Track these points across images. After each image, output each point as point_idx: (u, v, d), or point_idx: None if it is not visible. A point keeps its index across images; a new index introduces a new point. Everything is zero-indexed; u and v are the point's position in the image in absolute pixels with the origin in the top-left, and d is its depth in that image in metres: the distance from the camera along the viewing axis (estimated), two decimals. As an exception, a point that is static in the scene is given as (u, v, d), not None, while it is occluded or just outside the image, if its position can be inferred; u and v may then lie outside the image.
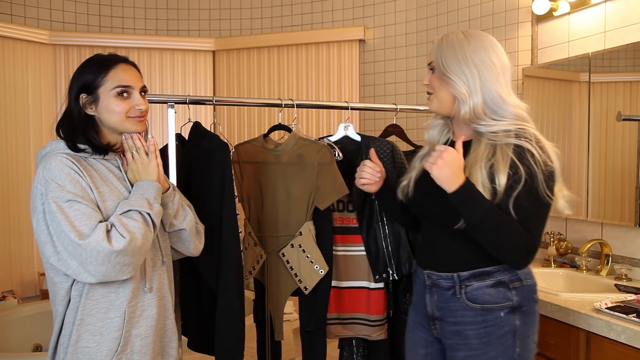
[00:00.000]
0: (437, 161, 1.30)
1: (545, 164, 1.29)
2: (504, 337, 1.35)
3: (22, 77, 3.55)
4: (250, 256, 1.92)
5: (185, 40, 4.09)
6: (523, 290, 1.38)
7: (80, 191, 1.29)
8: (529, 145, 1.30)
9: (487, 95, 1.36)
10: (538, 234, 1.32)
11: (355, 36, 3.75)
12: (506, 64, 1.40)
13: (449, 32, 1.43)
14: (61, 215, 1.24)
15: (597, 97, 2.30)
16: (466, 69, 1.36)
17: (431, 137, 1.55)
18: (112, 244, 1.24)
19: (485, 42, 1.39)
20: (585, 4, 2.37)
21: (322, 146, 1.87)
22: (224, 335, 1.73)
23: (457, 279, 1.39)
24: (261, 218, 1.94)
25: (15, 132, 3.50)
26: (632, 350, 1.58)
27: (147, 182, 1.41)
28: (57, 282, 1.33)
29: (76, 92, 1.39)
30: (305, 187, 1.87)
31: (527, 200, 1.28)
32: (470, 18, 3.11)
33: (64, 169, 1.30)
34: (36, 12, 3.78)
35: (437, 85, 1.43)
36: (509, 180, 1.28)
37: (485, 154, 1.33)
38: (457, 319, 1.39)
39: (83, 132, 1.38)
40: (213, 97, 1.83)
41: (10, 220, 3.45)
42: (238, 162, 1.93)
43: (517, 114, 1.37)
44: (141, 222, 1.31)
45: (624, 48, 2.18)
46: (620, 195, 2.21)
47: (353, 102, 2.30)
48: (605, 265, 2.19)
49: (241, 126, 4.10)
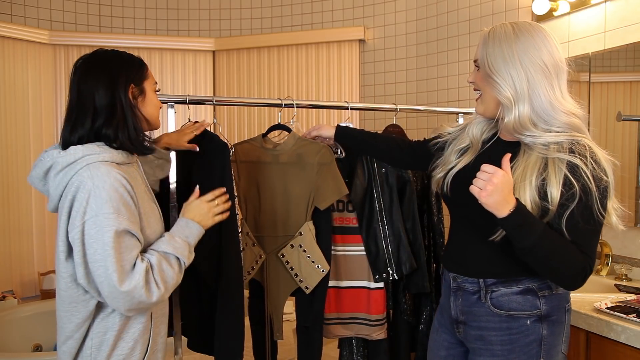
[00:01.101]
0: (487, 187, 1.15)
1: (599, 179, 1.19)
2: (529, 345, 1.30)
3: (22, 77, 3.55)
4: (248, 256, 1.91)
5: (185, 40, 4.09)
6: (553, 299, 1.31)
7: (132, 216, 1.22)
8: (584, 161, 1.19)
9: (535, 101, 1.23)
10: (593, 254, 1.23)
11: (355, 36, 3.75)
12: (560, 63, 1.26)
13: (497, 25, 1.29)
14: (110, 250, 1.16)
15: (597, 97, 2.30)
16: (513, 70, 1.24)
17: (473, 133, 1.42)
18: (149, 294, 1.20)
19: (537, 39, 1.25)
20: (585, 4, 2.37)
21: (322, 146, 1.88)
22: (224, 336, 1.73)
23: (482, 284, 1.34)
24: (259, 218, 1.93)
25: (15, 132, 3.50)
26: (632, 350, 1.58)
27: (198, 226, 1.38)
28: (84, 299, 1.25)
29: (126, 84, 1.29)
30: (304, 187, 1.87)
31: (581, 220, 1.19)
32: (470, 18, 3.11)
33: (119, 189, 1.20)
34: (36, 12, 3.78)
35: (482, 85, 1.33)
36: (562, 198, 1.19)
37: (536, 167, 1.22)
38: (481, 324, 1.34)
39: (135, 127, 1.30)
40: (213, 97, 1.83)
41: (10, 220, 3.45)
42: (236, 161, 1.93)
43: (569, 123, 1.24)
44: (177, 272, 1.29)
45: (624, 48, 2.18)
46: (620, 195, 2.19)
47: (353, 102, 2.30)
48: (605, 265, 2.19)
49: (241, 126, 4.10)
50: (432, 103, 3.38)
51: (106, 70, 1.28)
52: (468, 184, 1.21)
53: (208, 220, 1.41)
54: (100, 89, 1.26)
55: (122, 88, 1.28)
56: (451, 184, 1.40)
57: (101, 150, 1.24)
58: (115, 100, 1.27)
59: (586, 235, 1.21)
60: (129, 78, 1.31)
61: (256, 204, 1.94)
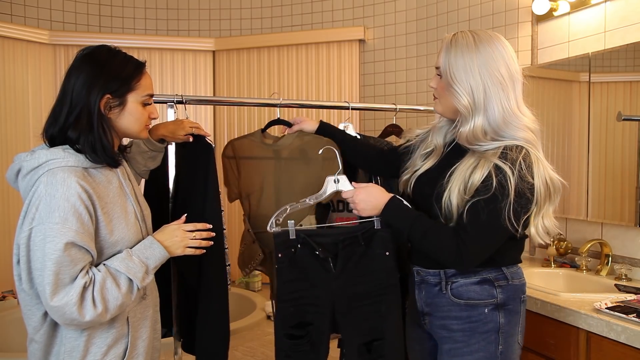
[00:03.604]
0: (356, 207, 1.45)
1: (522, 192, 1.27)
2: (488, 333, 1.38)
3: (22, 77, 3.55)
4: (248, 254, 1.89)
5: (185, 40, 4.09)
6: (509, 289, 1.40)
7: (82, 227, 1.16)
8: (509, 168, 1.27)
9: (490, 114, 1.32)
10: (473, 243, 1.31)
11: (355, 36, 3.75)
12: (516, 74, 1.36)
13: (459, 34, 1.37)
14: (49, 262, 1.13)
15: (597, 97, 2.30)
16: (472, 81, 1.32)
17: (436, 140, 1.52)
18: (81, 312, 1.15)
19: (496, 52, 1.33)
20: (585, 4, 2.37)
21: (327, 141, 1.84)
22: (206, 340, 1.69)
23: (443, 275, 1.42)
24: (261, 214, 1.89)
25: (15, 132, 3.50)
26: (632, 350, 1.58)
27: (163, 251, 1.31)
28: (36, 302, 1.22)
29: (100, 92, 1.24)
30: (309, 181, 1.83)
31: (483, 212, 1.28)
32: (470, 18, 3.11)
33: (71, 198, 1.16)
34: (36, 12, 3.78)
35: (442, 92, 1.41)
36: (478, 186, 1.28)
37: (471, 166, 1.32)
38: (443, 313, 1.42)
39: (100, 138, 1.25)
40: (213, 97, 1.82)
41: (10, 220, 3.45)
42: (234, 157, 1.89)
43: (523, 137, 1.32)
44: (124, 292, 1.22)
45: (624, 48, 2.18)
46: (620, 195, 2.21)
47: (353, 102, 2.30)
48: (605, 265, 2.19)
49: (241, 126, 4.10)
50: (432, 103, 3.38)
51: (89, 72, 1.25)
52: (428, 185, 1.40)
53: (177, 249, 1.35)
54: (76, 89, 1.24)
55: (94, 96, 1.24)
56: (414, 185, 1.50)
57: (66, 155, 1.22)
58: (85, 105, 1.24)
59: (479, 228, 1.30)
60: (106, 87, 1.25)
61: (258, 200, 1.89)
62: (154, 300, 1.43)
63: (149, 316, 1.39)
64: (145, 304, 1.38)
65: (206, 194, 1.71)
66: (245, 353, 2.91)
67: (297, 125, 1.87)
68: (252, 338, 3.13)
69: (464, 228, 1.31)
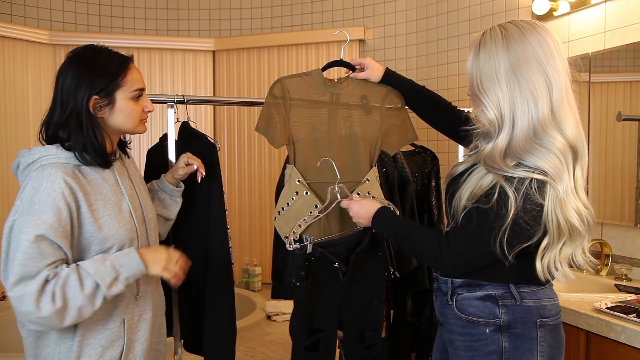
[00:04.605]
0: (354, 219, 1.50)
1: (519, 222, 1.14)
2: (490, 356, 1.25)
3: (22, 77, 3.55)
4: (298, 209, 1.66)
5: (185, 40, 4.09)
6: (517, 310, 1.24)
7: (58, 222, 1.16)
8: (513, 193, 1.13)
9: (515, 132, 1.16)
10: (457, 247, 1.23)
11: (355, 36, 3.75)
12: (554, 75, 1.15)
13: (488, 32, 1.21)
14: (17, 252, 1.14)
15: (597, 97, 2.30)
16: (499, 92, 1.17)
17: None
18: (39, 305, 1.13)
19: (527, 50, 1.15)
20: (585, 4, 2.37)
21: (390, 90, 1.72)
22: (214, 339, 1.69)
23: (450, 285, 1.32)
24: (314, 163, 1.69)
25: (15, 132, 3.50)
26: (632, 350, 1.58)
27: (140, 264, 1.25)
28: None
29: (87, 94, 1.25)
30: (371, 131, 1.71)
31: (475, 217, 1.18)
32: (470, 18, 3.11)
33: (52, 193, 1.17)
34: (36, 12, 3.78)
35: (473, 102, 1.27)
36: (481, 194, 1.18)
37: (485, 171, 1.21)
38: (450, 327, 1.33)
39: (91, 139, 1.25)
40: (213, 97, 1.82)
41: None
42: (283, 97, 1.69)
43: (543, 166, 1.13)
44: (87, 295, 1.17)
45: (624, 48, 2.18)
46: (620, 195, 2.21)
47: (353, 102, 2.29)
48: (605, 265, 2.19)
49: (241, 126, 4.10)
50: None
51: (75, 72, 1.26)
52: (454, 182, 1.31)
53: (156, 267, 1.28)
54: (64, 89, 1.26)
55: (81, 96, 1.25)
56: (449, 181, 1.38)
57: (58, 152, 1.25)
58: (74, 105, 1.25)
59: (465, 234, 1.21)
60: (93, 86, 1.25)
61: (310, 147, 1.70)
62: (154, 304, 1.43)
63: (148, 319, 1.38)
64: (142, 305, 1.37)
65: (210, 193, 1.71)
66: (245, 353, 2.90)
67: (364, 73, 1.71)
68: (252, 338, 3.13)
69: (453, 230, 1.25)
